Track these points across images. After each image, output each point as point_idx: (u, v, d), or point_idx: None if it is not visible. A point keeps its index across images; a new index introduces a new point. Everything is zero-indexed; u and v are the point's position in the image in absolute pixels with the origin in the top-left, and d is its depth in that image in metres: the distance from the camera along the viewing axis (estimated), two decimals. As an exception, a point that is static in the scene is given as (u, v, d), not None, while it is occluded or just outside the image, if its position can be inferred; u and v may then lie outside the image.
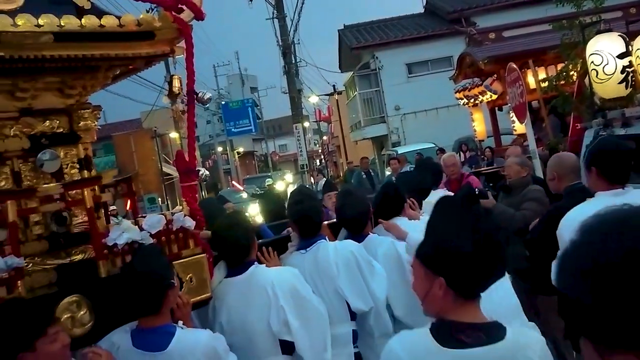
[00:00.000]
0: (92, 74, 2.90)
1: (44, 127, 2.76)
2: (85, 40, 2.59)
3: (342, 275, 3.32)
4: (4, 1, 2.46)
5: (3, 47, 2.37)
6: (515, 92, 6.76)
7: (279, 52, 26.39)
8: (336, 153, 42.24)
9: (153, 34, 2.80)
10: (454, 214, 1.90)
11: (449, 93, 15.24)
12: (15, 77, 2.64)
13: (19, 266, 2.39)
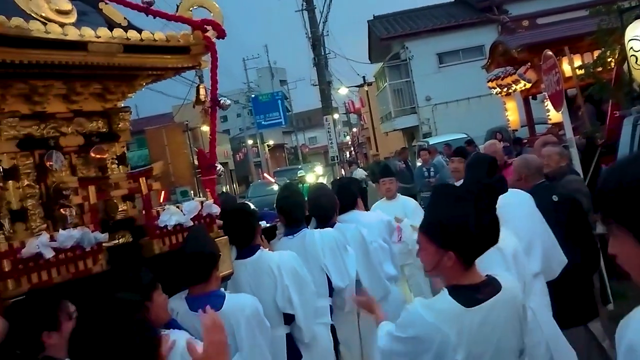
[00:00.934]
0: (130, 82, 3.42)
1: (92, 127, 3.23)
2: (142, 51, 3.09)
3: (327, 256, 3.97)
4: (65, 17, 2.91)
5: (90, 54, 2.83)
6: (551, 79, 6.61)
7: (309, 44, 26.31)
8: (366, 145, 42.09)
9: (189, 49, 3.34)
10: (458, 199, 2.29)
11: (481, 82, 15.04)
12: (73, 82, 3.06)
13: (103, 241, 2.81)
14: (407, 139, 27.30)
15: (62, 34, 2.74)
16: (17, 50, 2.57)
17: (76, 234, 2.68)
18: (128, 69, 3.24)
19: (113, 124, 3.32)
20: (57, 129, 3.06)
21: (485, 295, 2.26)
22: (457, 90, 22.42)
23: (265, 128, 47.05)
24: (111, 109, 3.33)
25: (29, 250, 2.50)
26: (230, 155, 46.84)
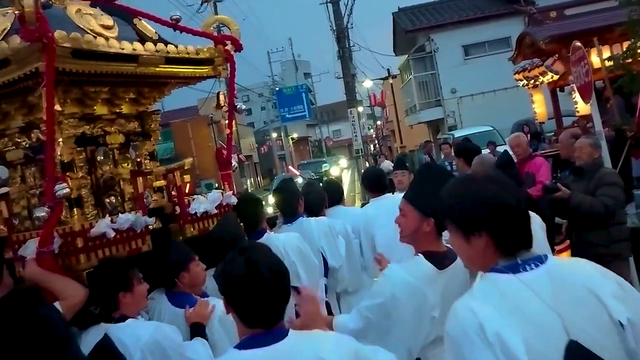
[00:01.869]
0: (161, 88, 3.89)
1: (130, 127, 3.66)
2: (177, 63, 3.58)
3: (322, 240, 4.52)
4: (109, 31, 3.32)
5: (140, 66, 3.32)
6: (580, 71, 6.51)
7: (333, 37, 26.27)
8: (390, 138, 41.93)
9: (213, 61, 3.86)
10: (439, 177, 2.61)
11: (507, 75, 14.85)
12: (116, 88, 3.49)
13: (149, 224, 3.27)
14: (432, 131, 27.15)
15: (119, 48, 3.18)
16: (84, 62, 2.98)
17: (132, 217, 3.15)
18: (164, 78, 3.73)
19: (145, 125, 3.79)
20: (103, 128, 3.48)
21: (449, 261, 2.66)
22: (483, 82, 22.22)
23: (290, 121, 47.17)
24: (144, 111, 3.81)
25: (97, 230, 2.98)
26: (254, 148, 47.09)
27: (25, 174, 3.35)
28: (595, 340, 1.67)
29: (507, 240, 1.79)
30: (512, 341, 1.63)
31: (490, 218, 1.79)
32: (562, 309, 1.70)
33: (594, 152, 5.08)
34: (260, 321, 1.91)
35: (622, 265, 4.95)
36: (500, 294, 1.74)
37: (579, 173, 5.13)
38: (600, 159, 5.15)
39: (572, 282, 1.76)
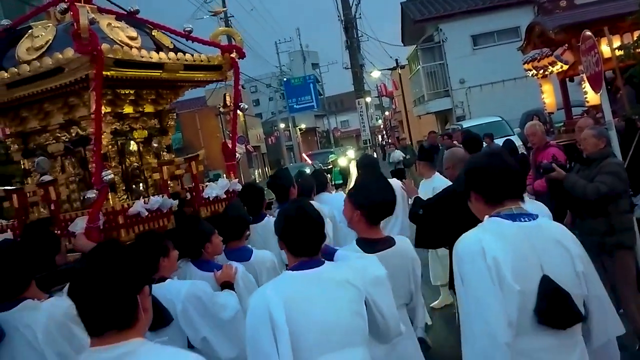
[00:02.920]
0: (176, 90, 4.49)
1: (151, 124, 4.23)
2: (193, 69, 4.16)
3: None
4: (134, 41, 3.77)
5: (165, 73, 3.85)
6: (590, 60, 6.44)
7: (341, 27, 26.19)
8: (399, 128, 41.85)
9: (221, 67, 4.42)
10: (374, 172, 3.63)
11: (516, 65, 14.76)
12: (140, 90, 4.02)
13: (172, 206, 3.81)
14: (440, 122, 27.07)
15: (149, 57, 3.69)
16: (123, 70, 3.51)
17: (160, 199, 3.69)
18: (181, 81, 4.31)
19: (163, 122, 4.37)
20: (130, 125, 4.03)
21: (381, 247, 3.22)
22: (492, 72, 22.12)
23: (298, 112, 47.13)
24: (162, 110, 4.36)
25: (133, 210, 3.52)
26: (262, 138, 47.08)
27: (64, 164, 3.88)
28: (561, 279, 2.31)
29: (494, 195, 2.48)
30: (503, 265, 2.25)
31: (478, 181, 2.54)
32: (543, 253, 2.34)
33: (599, 142, 5.06)
34: (305, 250, 2.62)
35: (626, 255, 4.94)
36: (500, 232, 2.35)
37: (586, 163, 5.13)
38: (607, 148, 5.12)
39: (554, 238, 2.41)
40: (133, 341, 1.80)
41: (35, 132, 3.92)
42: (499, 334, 2.22)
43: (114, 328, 1.79)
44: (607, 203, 4.86)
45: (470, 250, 2.32)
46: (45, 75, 3.39)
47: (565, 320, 2.30)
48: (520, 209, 2.44)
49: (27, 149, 3.98)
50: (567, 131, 11.05)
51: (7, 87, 3.49)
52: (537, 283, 2.28)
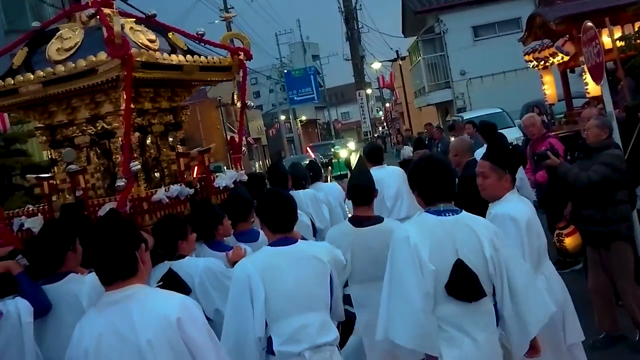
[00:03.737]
0: (189, 89, 4.91)
1: (167, 119, 4.58)
2: (206, 70, 4.54)
3: (310, 207, 5.62)
4: (154, 44, 4.17)
5: (182, 73, 4.26)
6: (591, 51, 6.43)
7: (341, 18, 26.14)
8: (399, 120, 41.79)
9: (231, 67, 4.81)
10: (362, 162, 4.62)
11: (517, 56, 14.70)
12: (158, 89, 4.39)
13: (190, 194, 4.17)
14: (441, 114, 27.03)
15: (171, 60, 4.09)
16: (148, 71, 3.92)
17: (179, 188, 4.07)
18: (195, 80, 4.72)
19: (177, 117, 4.71)
20: (149, 120, 4.38)
21: (367, 223, 4.00)
22: (493, 64, 22.07)
23: (298, 104, 47.09)
24: (177, 106, 4.70)
25: (156, 197, 3.91)
26: (263, 130, 47.03)
27: (89, 155, 4.23)
28: (472, 262, 2.91)
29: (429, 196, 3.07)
30: (421, 249, 2.89)
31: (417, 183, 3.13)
32: (458, 241, 2.93)
33: (601, 133, 5.05)
34: (279, 227, 3.19)
35: (623, 246, 4.93)
36: (423, 224, 3.01)
37: (587, 152, 5.13)
38: (609, 139, 5.11)
39: (470, 229, 2.98)
40: (135, 286, 2.39)
41: (62, 125, 4.25)
42: (415, 301, 2.86)
43: (119, 277, 2.38)
44: (601, 193, 4.86)
45: (398, 239, 3.00)
46: (79, 75, 3.77)
47: (471, 294, 2.91)
48: (447, 206, 3.05)
49: (55, 140, 4.32)
50: (567, 122, 11.04)
51: (43, 85, 3.85)
52: (451, 264, 2.89)
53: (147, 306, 2.36)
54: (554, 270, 3.76)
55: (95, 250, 2.39)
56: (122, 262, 2.37)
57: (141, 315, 2.33)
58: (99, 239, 2.39)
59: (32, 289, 3.22)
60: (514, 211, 3.47)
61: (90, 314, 2.49)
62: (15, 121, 13.26)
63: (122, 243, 2.38)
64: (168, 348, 2.32)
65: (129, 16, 4.39)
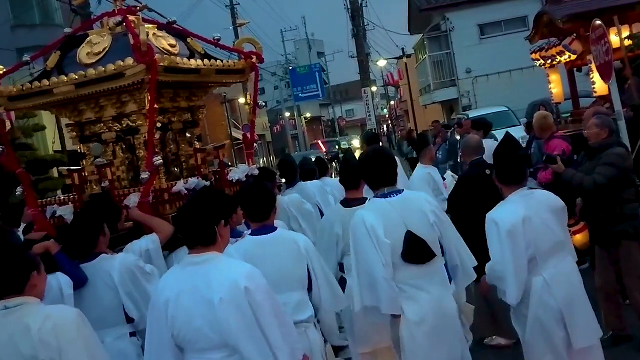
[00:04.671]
0: (206, 89, 5.26)
1: (185, 117, 4.93)
2: (222, 73, 4.91)
3: (318, 197, 6.18)
4: (174, 49, 4.56)
5: (200, 76, 4.67)
6: (600, 50, 6.41)
7: (347, 15, 26.10)
8: (404, 118, 41.73)
9: (244, 70, 5.11)
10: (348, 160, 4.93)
11: (523, 55, 14.65)
12: (177, 90, 4.73)
13: (205, 185, 4.40)
14: (447, 112, 26.98)
15: (190, 64, 4.43)
16: (170, 74, 4.30)
17: (196, 181, 4.39)
18: (211, 82, 5.11)
19: (195, 116, 5.05)
20: (169, 118, 4.72)
21: (355, 204, 4.33)
22: (499, 62, 22.00)
23: (303, 101, 46.96)
24: (194, 106, 5.03)
25: (176, 189, 4.27)
26: (267, 127, 47.03)
27: (115, 150, 4.57)
28: (420, 231, 3.50)
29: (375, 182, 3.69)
30: (377, 228, 3.47)
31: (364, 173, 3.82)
32: (405, 216, 3.53)
33: (601, 132, 5.00)
34: (257, 217, 3.55)
35: (631, 245, 4.92)
36: (376, 207, 3.61)
37: (590, 153, 5.12)
38: (610, 139, 5.07)
39: (413, 203, 3.62)
40: (212, 253, 2.89)
41: (91, 123, 4.61)
42: (376, 271, 3.46)
43: (200, 244, 2.90)
44: (608, 193, 4.84)
45: (357, 223, 3.58)
46: (108, 78, 4.15)
47: (423, 257, 3.50)
48: (391, 189, 3.64)
49: (84, 136, 4.70)
50: (574, 121, 10.99)
51: (75, 86, 4.22)
52: (402, 236, 3.48)
53: (221, 271, 2.84)
54: (560, 272, 3.71)
55: (184, 220, 2.95)
56: (203, 233, 2.89)
57: (216, 277, 2.80)
58: (188, 212, 2.94)
59: (70, 265, 3.62)
60: (500, 216, 3.70)
61: (174, 270, 3.06)
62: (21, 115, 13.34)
63: (204, 218, 2.89)
64: (235, 308, 2.75)
65: (151, 22, 4.75)
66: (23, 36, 24.46)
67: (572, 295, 3.70)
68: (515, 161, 3.81)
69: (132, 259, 3.75)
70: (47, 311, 2.71)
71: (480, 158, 5.59)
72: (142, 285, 3.66)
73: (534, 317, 3.66)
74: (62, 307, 3.02)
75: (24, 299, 2.68)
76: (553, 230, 3.72)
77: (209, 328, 2.77)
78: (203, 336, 2.79)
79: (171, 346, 2.86)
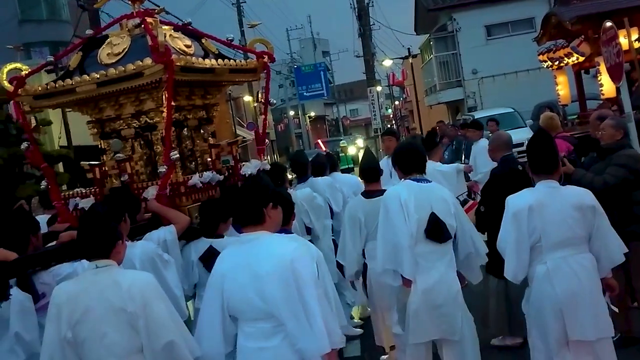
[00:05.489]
0: (219, 88, 5.49)
1: (200, 114, 5.12)
2: (235, 72, 5.08)
3: (327, 192, 6.41)
4: (189, 49, 4.74)
5: (215, 75, 4.83)
6: (610, 51, 6.39)
7: (353, 14, 26.10)
8: (409, 118, 41.68)
9: (256, 69, 5.27)
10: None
11: (530, 56, 14.67)
12: (192, 88, 4.92)
13: (219, 179, 4.76)
14: (452, 112, 26.93)
15: (205, 64, 4.60)
16: (187, 74, 4.46)
17: (211, 174, 4.66)
18: (225, 81, 5.30)
19: (209, 113, 5.23)
20: (185, 115, 4.91)
21: (374, 195, 4.97)
22: (505, 63, 21.96)
23: (307, 99, 47.01)
24: (208, 103, 5.21)
25: (192, 182, 4.50)
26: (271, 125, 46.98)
27: (134, 145, 4.77)
28: (441, 215, 4.10)
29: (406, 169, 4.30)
30: (409, 203, 4.08)
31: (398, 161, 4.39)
32: (432, 200, 4.15)
33: (616, 133, 4.99)
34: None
35: None
36: (409, 186, 4.20)
37: (601, 154, 5.08)
38: (623, 140, 5.06)
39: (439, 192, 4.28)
40: (262, 232, 3.19)
41: (110, 119, 4.81)
42: (402, 240, 4.05)
43: (251, 223, 3.20)
44: (618, 194, 4.82)
45: (392, 196, 4.22)
46: (128, 77, 4.33)
47: (441, 237, 4.08)
48: (421, 177, 4.28)
49: (104, 132, 4.88)
50: (580, 123, 10.96)
51: (97, 85, 4.41)
52: (428, 215, 4.06)
53: (270, 247, 3.13)
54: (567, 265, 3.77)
55: (237, 203, 3.30)
56: (253, 214, 3.20)
57: (265, 252, 3.10)
58: (241, 196, 3.30)
59: None
60: (512, 199, 3.96)
61: (230, 248, 3.40)
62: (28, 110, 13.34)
63: (254, 200, 3.21)
64: (280, 280, 3.02)
65: (167, 24, 4.94)
66: (30, 31, 24.53)
67: (576, 288, 3.74)
68: (546, 152, 3.92)
69: (152, 247, 3.97)
70: (131, 272, 3.26)
71: (511, 154, 5.64)
72: (161, 271, 3.90)
73: (534, 301, 3.84)
74: (140, 271, 3.53)
75: (110, 261, 3.08)
76: (569, 225, 3.77)
77: (258, 299, 3.06)
78: (253, 307, 3.09)
79: (223, 316, 3.18)
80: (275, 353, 3.08)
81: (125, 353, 2.99)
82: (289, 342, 3.05)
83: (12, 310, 3.34)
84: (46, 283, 3.61)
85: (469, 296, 4.88)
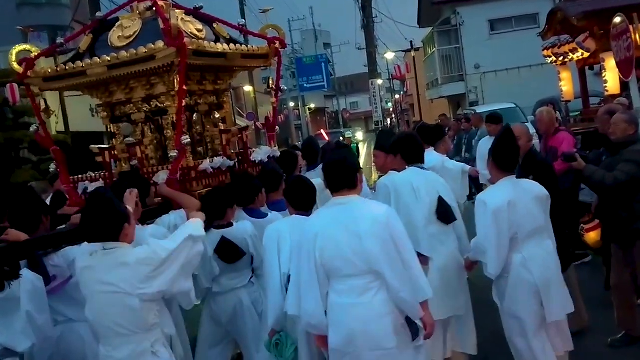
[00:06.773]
0: (231, 74, 5.44)
1: (211, 100, 5.12)
2: (247, 57, 5.11)
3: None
4: (201, 33, 4.73)
5: (226, 60, 4.83)
6: (621, 45, 6.36)
7: (356, 6, 26.01)
8: (409, 112, 41.65)
9: (268, 55, 5.29)
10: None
11: (533, 52, 14.59)
12: (203, 73, 4.89)
13: (230, 165, 4.79)
14: (453, 107, 26.94)
15: (216, 48, 4.58)
16: (199, 58, 4.44)
17: (221, 160, 4.67)
18: (237, 66, 5.25)
19: (220, 99, 5.25)
20: (196, 100, 4.90)
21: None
22: (508, 59, 21.96)
23: (308, 91, 46.82)
24: (219, 89, 5.21)
25: (202, 167, 4.52)
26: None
27: (144, 130, 4.79)
28: (447, 198, 4.46)
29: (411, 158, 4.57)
30: (420, 187, 4.37)
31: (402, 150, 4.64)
32: (438, 186, 4.51)
33: (629, 128, 4.92)
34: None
35: None
36: (417, 172, 4.50)
37: (612, 149, 5.05)
38: (635, 135, 5.01)
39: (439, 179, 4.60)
40: (354, 196, 3.44)
41: (121, 103, 4.77)
42: (418, 221, 4.29)
43: (344, 187, 3.42)
44: (627, 191, 4.80)
45: (403, 181, 4.44)
46: (139, 60, 4.28)
47: (448, 218, 4.41)
48: (422, 165, 4.59)
49: (114, 116, 4.86)
50: (583, 120, 10.95)
51: (107, 68, 4.36)
52: (436, 198, 4.39)
53: (365, 209, 3.40)
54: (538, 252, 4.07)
55: (333, 170, 3.47)
56: (348, 178, 3.42)
57: (361, 214, 3.35)
58: (336, 164, 3.47)
59: None
60: (488, 197, 4.12)
61: (320, 211, 3.62)
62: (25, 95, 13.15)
63: (349, 166, 3.45)
64: (377, 237, 3.27)
65: (179, 8, 4.86)
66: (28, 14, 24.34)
67: (548, 273, 4.06)
68: (512, 150, 4.17)
69: (162, 231, 3.94)
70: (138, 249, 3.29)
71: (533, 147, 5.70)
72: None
73: (511, 289, 4.05)
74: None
75: (118, 243, 3.15)
76: (535, 216, 4.08)
77: (356, 257, 3.28)
78: (351, 264, 3.30)
79: (318, 274, 3.37)
80: (367, 308, 3.28)
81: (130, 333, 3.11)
82: (380, 298, 3.29)
83: (23, 289, 3.33)
84: (58, 266, 3.62)
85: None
